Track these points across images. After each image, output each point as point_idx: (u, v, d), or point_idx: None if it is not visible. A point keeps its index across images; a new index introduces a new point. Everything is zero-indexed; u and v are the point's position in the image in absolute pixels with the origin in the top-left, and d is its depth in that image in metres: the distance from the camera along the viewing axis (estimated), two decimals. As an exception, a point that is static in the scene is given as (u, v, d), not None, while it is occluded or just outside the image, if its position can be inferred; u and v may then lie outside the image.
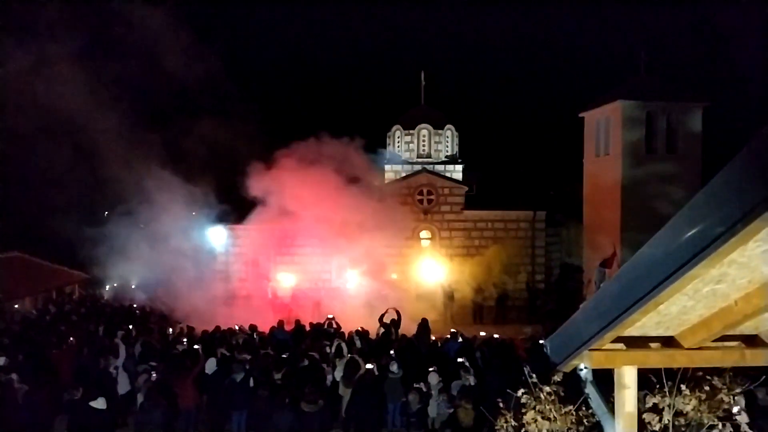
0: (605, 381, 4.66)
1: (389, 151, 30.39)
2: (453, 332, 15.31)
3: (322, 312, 19.38)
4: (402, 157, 30.10)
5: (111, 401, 10.14)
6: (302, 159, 21.64)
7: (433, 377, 11.38)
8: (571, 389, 4.95)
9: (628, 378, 4.51)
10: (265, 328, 16.21)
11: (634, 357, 4.50)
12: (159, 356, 12.83)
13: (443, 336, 15.78)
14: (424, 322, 16.75)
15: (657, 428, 4.68)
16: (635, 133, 22.89)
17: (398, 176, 28.80)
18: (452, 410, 10.55)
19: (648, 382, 4.69)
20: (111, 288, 26.54)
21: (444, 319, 21.62)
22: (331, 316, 17.14)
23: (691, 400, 4.67)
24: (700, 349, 4.46)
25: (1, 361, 11.77)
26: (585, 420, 4.95)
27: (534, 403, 5.00)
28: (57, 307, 22.01)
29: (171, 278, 20.01)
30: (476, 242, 27.02)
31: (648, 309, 3.72)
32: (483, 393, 10.04)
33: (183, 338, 15.03)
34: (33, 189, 23.54)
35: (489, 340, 14.86)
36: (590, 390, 4.69)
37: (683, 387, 4.65)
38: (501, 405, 5.47)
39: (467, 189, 27.67)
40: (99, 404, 9.42)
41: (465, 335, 15.36)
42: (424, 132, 30.12)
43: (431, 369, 11.58)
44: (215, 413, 11.47)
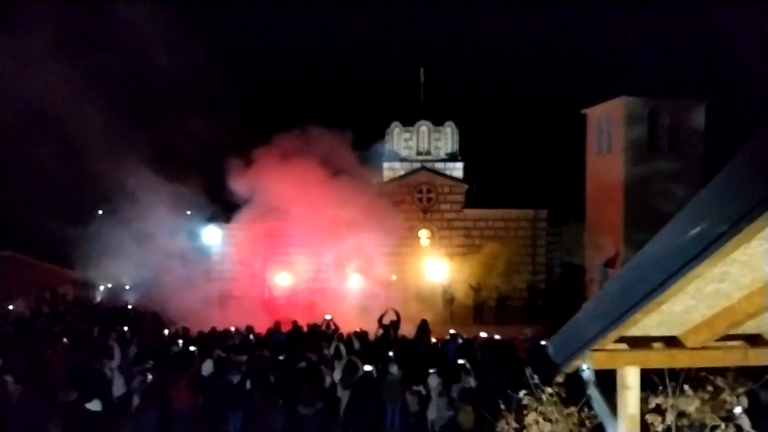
0: (607, 382, 4.63)
1: (388, 149, 30.04)
2: (453, 333, 15.22)
3: (317, 313, 19.17)
4: (401, 155, 29.78)
5: (106, 403, 10.10)
6: (295, 156, 21.47)
7: (433, 379, 11.29)
8: (573, 390, 4.93)
9: (631, 378, 4.50)
10: (261, 329, 16.09)
11: (637, 357, 4.49)
12: (154, 358, 12.74)
13: (443, 337, 15.68)
14: (424, 323, 16.65)
15: (660, 429, 4.68)
16: (637, 131, 22.79)
17: (397, 174, 28.57)
18: (452, 412, 10.45)
19: (650, 383, 4.67)
20: (105, 289, 26.43)
21: (444, 320, 21.52)
22: (330, 317, 17.03)
23: (694, 401, 4.67)
24: (703, 349, 4.45)
25: (-4, 363, 11.68)
26: (587, 421, 4.94)
27: (535, 405, 5.00)
28: (51, 308, 21.90)
29: (165, 279, 19.89)
30: (476, 241, 26.89)
31: (650, 308, 3.71)
32: (483, 394, 9.96)
33: (178, 339, 14.93)
34: (26, 189, 23.43)
35: (489, 341, 14.74)
36: (592, 391, 4.69)
37: (686, 387, 4.65)
38: (502, 406, 5.43)
39: (467, 187, 27.49)
40: (94, 406, 9.46)
41: (465, 336, 15.27)
42: (424, 129, 29.71)
43: (431, 371, 11.49)
44: (211, 415, 11.37)
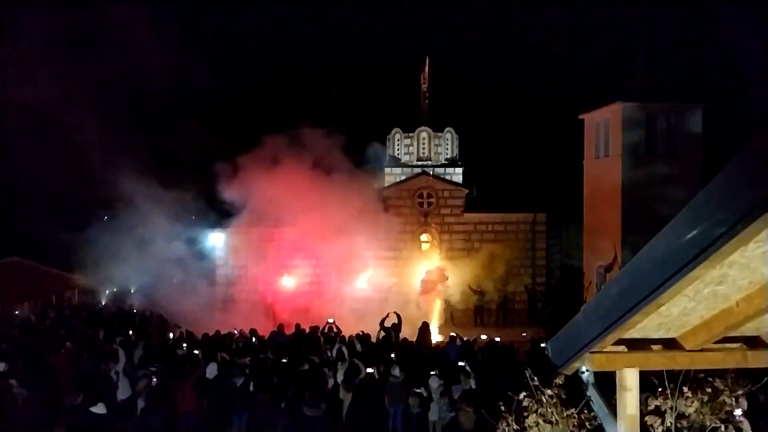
0: (607, 383, 4.64)
1: (389, 154, 30.28)
2: (453, 336, 15.28)
3: (318, 316, 19.17)
4: (401, 160, 30.00)
5: (111, 406, 10.13)
6: (295, 161, 21.53)
7: (434, 381, 11.35)
8: (573, 392, 4.93)
9: (630, 380, 4.50)
10: (264, 333, 16.15)
11: (636, 359, 4.49)
12: (159, 361, 12.80)
13: (444, 339, 15.74)
14: (425, 326, 16.72)
15: (659, 431, 4.66)
16: (635, 135, 22.87)
17: (398, 179, 28.70)
18: (453, 414, 10.53)
19: (650, 385, 4.67)
20: (110, 293, 26.49)
21: (445, 323, 21.58)
22: (332, 320, 17.11)
23: (693, 402, 4.65)
24: (702, 351, 4.44)
25: (1, 367, 11.71)
26: (587, 423, 4.91)
27: (535, 407, 4.98)
28: (56, 312, 21.95)
29: (169, 283, 19.95)
30: (476, 245, 26.93)
31: (649, 310, 3.71)
32: (484, 396, 10.02)
33: (183, 343, 15.00)
34: (31, 195, 23.49)
35: (490, 343, 14.82)
36: (592, 393, 4.68)
37: (685, 389, 4.63)
38: (502, 408, 5.43)
39: (467, 191, 27.61)
40: (99, 409, 9.43)
41: (466, 338, 15.33)
42: (424, 135, 29.97)
43: (432, 373, 11.55)
44: (215, 417, 11.44)
